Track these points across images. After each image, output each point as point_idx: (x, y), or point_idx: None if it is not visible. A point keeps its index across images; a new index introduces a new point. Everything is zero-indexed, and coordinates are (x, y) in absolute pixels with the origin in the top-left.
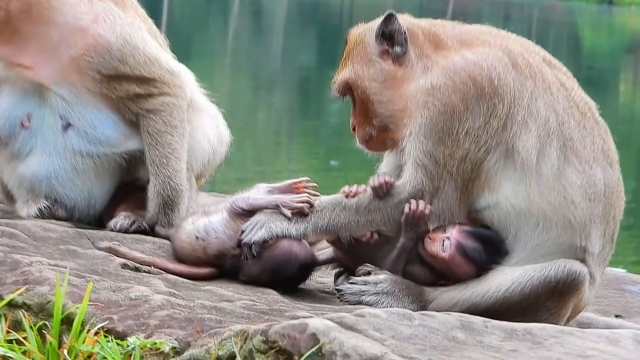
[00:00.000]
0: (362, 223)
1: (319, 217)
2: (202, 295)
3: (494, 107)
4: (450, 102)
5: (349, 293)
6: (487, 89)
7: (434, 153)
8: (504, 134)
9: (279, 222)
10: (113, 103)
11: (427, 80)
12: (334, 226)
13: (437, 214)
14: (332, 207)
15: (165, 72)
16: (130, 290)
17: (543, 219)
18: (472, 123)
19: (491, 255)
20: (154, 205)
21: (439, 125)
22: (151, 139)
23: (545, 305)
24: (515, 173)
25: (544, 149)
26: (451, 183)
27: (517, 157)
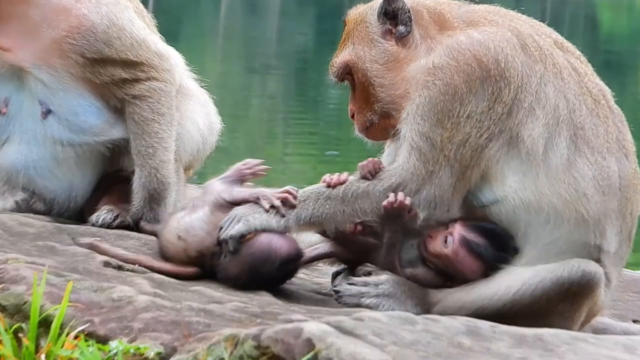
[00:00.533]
0: (349, 212)
1: (301, 207)
2: (190, 296)
3: (499, 91)
4: (452, 83)
5: (348, 295)
6: (493, 72)
7: (430, 135)
8: (509, 121)
9: (259, 214)
10: (97, 88)
11: (428, 60)
12: (318, 217)
13: (428, 201)
14: (316, 197)
15: (153, 56)
16: (113, 290)
17: (554, 214)
18: (474, 107)
19: (497, 250)
20: (139, 198)
21: (439, 106)
22: (137, 127)
23: (558, 308)
24: (520, 163)
25: (553, 138)
26: (447, 168)
27: (521, 146)
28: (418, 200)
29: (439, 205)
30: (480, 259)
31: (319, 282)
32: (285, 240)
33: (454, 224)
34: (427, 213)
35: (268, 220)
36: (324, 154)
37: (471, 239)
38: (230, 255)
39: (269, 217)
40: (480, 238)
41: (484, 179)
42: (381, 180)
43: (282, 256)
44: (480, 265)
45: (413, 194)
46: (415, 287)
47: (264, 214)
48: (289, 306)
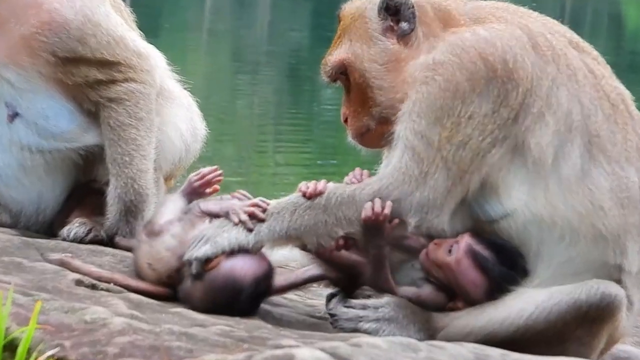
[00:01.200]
0: (332, 222)
1: (276, 220)
2: (170, 318)
3: (506, 94)
4: (453, 79)
5: (345, 319)
6: (500, 72)
7: (427, 134)
8: (514, 127)
9: (227, 232)
10: (69, 90)
11: (428, 57)
12: (295, 230)
13: (421, 204)
14: (293, 207)
15: (131, 55)
16: (86, 311)
17: (569, 230)
18: (477, 107)
19: (505, 267)
20: (114, 211)
21: (438, 103)
22: (113, 133)
23: (575, 334)
24: (527, 173)
25: (564, 146)
26: (443, 171)
27: (527, 154)
28: (410, 203)
29: (431, 210)
30: (485, 273)
31: (312, 304)
32: (251, 265)
33: (463, 235)
34: (418, 219)
35: (238, 238)
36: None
37: (478, 251)
38: (193, 279)
39: (238, 234)
40: (488, 251)
41: (486, 188)
42: (369, 183)
43: (246, 284)
44: (485, 280)
45: (404, 196)
46: (419, 310)
47: (233, 231)
48: (279, 330)
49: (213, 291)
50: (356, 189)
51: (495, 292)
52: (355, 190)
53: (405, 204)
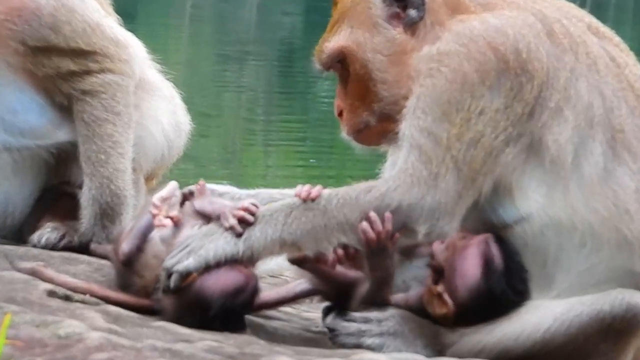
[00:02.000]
0: (332, 227)
1: (268, 223)
2: (153, 333)
3: (519, 87)
4: (461, 70)
5: (345, 333)
6: (512, 63)
7: (434, 131)
8: (530, 124)
9: (214, 242)
10: (40, 82)
11: (432, 48)
12: (291, 234)
13: (432, 209)
14: (288, 209)
15: (108, 43)
16: (59, 325)
17: (590, 235)
18: (488, 102)
19: (505, 279)
20: (89, 215)
21: (445, 97)
22: (87, 129)
23: (598, 349)
24: (544, 173)
25: (585, 143)
26: (454, 172)
27: (544, 153)
28: (420, 209)
29: (442, 215)
30: (484, 273)
31: (309, 317)
32: (223, 279)
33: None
34: (429, 225)
35: (225, 247)
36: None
37: (491, 249)
38: (167, 290)
39: (226, 242)
40: (500, 257)
41: (499, 191)
42: (374, 186)
43: (214, 301)
44: (478, 278)
45: (414, 201)
46: (427, 324)
47: (220, 240)
48: (272, 346)
49: (181, 307)
50: (360, 191)
51: (481, 297)
52: (360, 193)
53: (415, 209)
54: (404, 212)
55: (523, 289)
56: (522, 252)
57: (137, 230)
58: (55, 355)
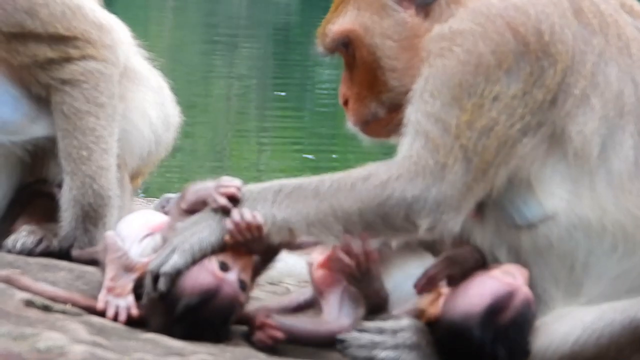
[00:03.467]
0: (325, 211)
1: (256, 201)
2: (141, 346)
3: (540, 72)
4: (475, 50)
5: (357, 345)
6: (533, 46)
7: (442, 116)
8: (552, 112)
9: (198, 235)
10: (14, 72)
11: (444, 26)
12: (281, 213)
13: (437, 203)
14: (278, 187)
15: (89, 27)
16: (38, 338)
17: (622, 238)
18: (505, 87)
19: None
20: (69, 217)
21: (456, 79)
22: (67, 123)
23: None
24: (567, 167)
25: (614, 135)
26: (463, 163)
27: (567, 145)
28: (424, 201)
29: (447, 210)
30: (484, 315)
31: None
32: (194, 280)
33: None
34: (432, 220)
35: (210, 238)
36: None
37: (509, 301)
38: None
39: (211, 232)
40: (511, 317)
41: (519, 186)
42: (374, 173)
43: (182, 302)
44: (473, 315)
45: (418, 192)
46: None
47: (205, 231)
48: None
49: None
50: (357, 179)
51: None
52: (356, 180)
53: (419, 202)
54: (406, 204)
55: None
56: (547, 255)
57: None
58: None
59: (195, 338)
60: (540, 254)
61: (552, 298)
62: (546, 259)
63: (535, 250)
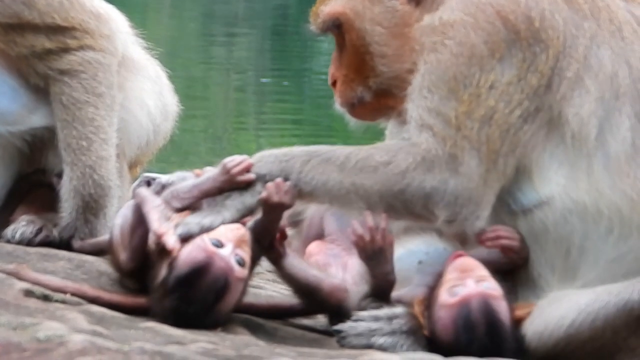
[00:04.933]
0: (347, 188)
1: (288, 165)
2: (141, 335)
3: (533, 57)
4: (467, 42)
5: (354, 334)
6: (524, 33)
7: (442, 110)
8: (547, 96)
9: (231, 200)
10: (12, 62)
11: (434, 17)
12: (307, 184)
13: (455, 195)
14: (306, 157)
15: (87, 17)
16: (38, 327)
17: (619, 221)
18: (499, 75)
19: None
20: (70, 207)
21: (450, 72)
22: (66, 113)
23: (627, 344)
24: (565, 151)
25: (610, 116)
26: (472, 152)
27: (565, 128)
28: (443, 193)
29: (466, 203)
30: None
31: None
32: (187, 253)
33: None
34: (450, 213)
35: (244, 199)
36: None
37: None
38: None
39: (243, 196)
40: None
41: (521, 173)
42: (392, 161)
43: (168, 272)
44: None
45: (437, 184)
46: None
47: (237, 198)
48: (273, 348)
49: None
50: (380, 162)
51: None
52: (379, 164)
53: (437, 193)
54: (424, 194)
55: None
56: (543, 240)
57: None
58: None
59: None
60: (536, 238)
61: (547, 283)
62: (542, 244)
63: (531, 236)
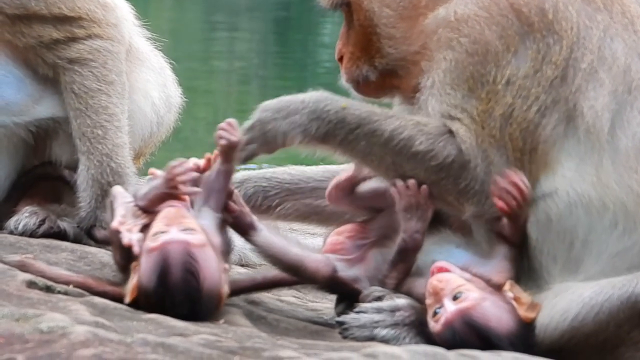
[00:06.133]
0: (385, 163)
1: (329, 135)
2: (144, 326)
3: (547, 49)
4: (482, 39)
5: (356, 326)
6: (537, 25)
7: (465, 107)
8: (563, 89)
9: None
10: (19, 53)
11: (449, 9)
12: (346, 150)
13: (486, 195)
14: (355, 125)
15: (94, 6)
16: (41, 319)
17: (623, 216)
18: (514, 69)
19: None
20: (89, 197)
21: (468, 71)
22: (79, 102)
23: (631, 337)
24: (577, 145)
25: (622, 111)
26: (500, 150)
27: (580, 122)
28: (474, 191)
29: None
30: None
31: (315, 307)
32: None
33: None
34: (477, 209)
35: (301, 121)
36: None
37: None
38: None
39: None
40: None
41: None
42: (433, 149)
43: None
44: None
45: (467, 175)
46: None
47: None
48: (275, 340)
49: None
50: (421, 152)
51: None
52: (420, 153)
53: (470, 189)
54: (458, 190)
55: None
56: (546, 231)
57: None
58: (37, 351)
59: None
60: (540, 229)
61: (549, 273)
62: (545, 234)
63: (534, 226)
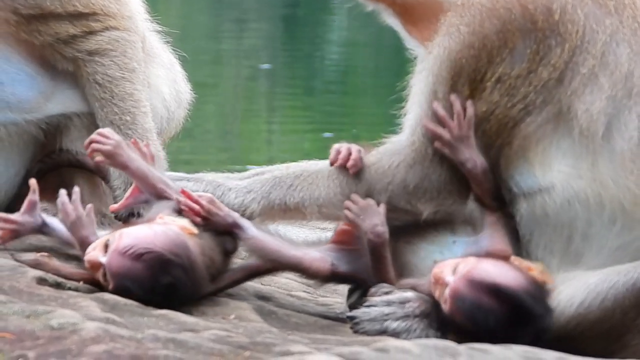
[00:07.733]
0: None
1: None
2: (154, 322)
3: (547, 50)
4: (481, 32)
5: (367, 320)
6: (541, 24)
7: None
8: (558, 90)
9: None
10: (35, 51)
11: None
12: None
13: (438, 190)
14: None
15: (108, 2)
16: (52, 315)
17: (621, 214)
18: (508, 68)
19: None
20: (123, 184)
21: (457, 64)
22: (104, 91)
23: (636, 324)
24: (572, 145)
25: (620, 115)
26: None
27: (574, 124)
28: (424, 188)
29: (448, 195)
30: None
31: (325, 302)
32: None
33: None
34: (433, 205)
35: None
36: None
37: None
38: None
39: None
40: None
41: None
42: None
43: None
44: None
45: (416, 179)
46: None
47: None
48: (286, 334)
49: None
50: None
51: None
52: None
53: (419, 189)
54: (407, 192)
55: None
56: (543, 225)
57: None
58: (48, 348)
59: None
60: (536, 223)
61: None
62: (542, 228)
63: (531, 219)
